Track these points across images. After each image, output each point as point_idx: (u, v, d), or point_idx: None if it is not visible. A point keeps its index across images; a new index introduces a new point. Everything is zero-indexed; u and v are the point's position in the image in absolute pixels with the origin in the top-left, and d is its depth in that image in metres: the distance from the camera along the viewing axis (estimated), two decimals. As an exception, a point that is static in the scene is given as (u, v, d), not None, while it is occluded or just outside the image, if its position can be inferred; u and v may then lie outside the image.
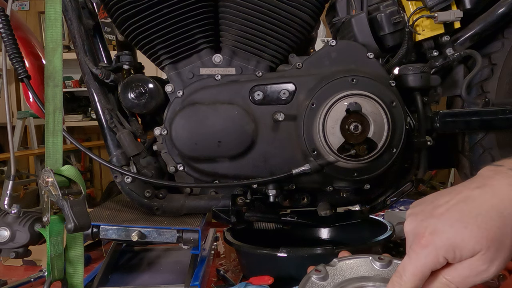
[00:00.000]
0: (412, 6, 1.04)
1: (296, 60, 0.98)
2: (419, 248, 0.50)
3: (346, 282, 0.62)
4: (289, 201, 1.04)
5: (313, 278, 0.62)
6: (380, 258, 0.64)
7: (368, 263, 0.65)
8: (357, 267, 0.65)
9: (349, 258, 0.66)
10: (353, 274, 0.64)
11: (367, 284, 0.61)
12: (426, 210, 0.52)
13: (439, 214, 0.50)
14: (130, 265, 1.09)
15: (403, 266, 0.51)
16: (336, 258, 0.65)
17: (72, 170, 0.81)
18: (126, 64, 1.04)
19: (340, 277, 0.63)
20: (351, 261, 0.65)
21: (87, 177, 4.57)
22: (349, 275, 0.63)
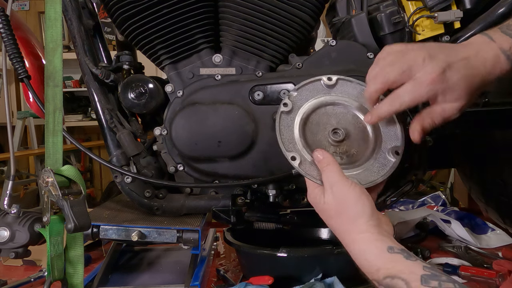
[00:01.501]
0: (412, 6, 1.04)
1: (296, 60, 0.98)
2: (426, 83, 0.64)
3: (307, 107, 0.74)
4: (289, 201, 1.04)
5: (283, 113, 0.74)
6: (329, 79, 0.75)
7: (320, 85, 0.76)
8: (313, 91, 0.76)
9: (304, 84, 0.76)
10: (311, 97, 0.75)
11: (323, 103, 0.74)
12: (441, 57, 0.64)
13: (450, 62, 0.63)
14: (130, 265, 1.09)
15: (401, 91, 0.66)
16: (295, 87, 0.76)
17: (72, 170, 0.81)
18: (126, 64, 1.04)
19: (301, 103, 0.75)
20: (307, 86, 0.76)
21: (87, 177, 4.57)
22: (308, 99, 0.75)
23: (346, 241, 0.65)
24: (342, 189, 0.65)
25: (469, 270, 1.02)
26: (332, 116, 0.75)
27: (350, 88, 0.76)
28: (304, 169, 0.71)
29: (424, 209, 1.50)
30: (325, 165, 0.68)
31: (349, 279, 0.91)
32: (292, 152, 0.72)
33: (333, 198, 0.66)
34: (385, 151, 0.72)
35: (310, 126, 0.74)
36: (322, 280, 0.91)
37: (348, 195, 0.65)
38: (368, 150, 0.73)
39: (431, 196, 1.76)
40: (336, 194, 0.66)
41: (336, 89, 0.76)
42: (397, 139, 0.72)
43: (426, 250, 1.17)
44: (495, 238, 1.29)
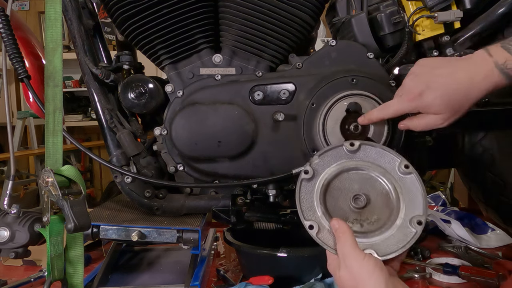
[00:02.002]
0: (412, 6, 1.04)
1: (296, 60, 0.98)
2: (406, 99, 0.74)
3: (328, 173, 0.75)
4: (289, 201, 1.04)
5: (304, 180, 0.74)
6: (351, 144, 0.76)
7: (342, 151, 0.76)
8: (335, 157, 0.76)
9: (326, 151, 0.77)
10: (333, 163, 0.76)
11: (345, 169, 0.75)
12: (425, 75, 0.73)
13: (431, 83, 0.71)
14: (130, 265, 1.09)
15: (391, 103, 0.78)
16: (316, 154, 0.77)
17: (72, 170, 0.81)
18: (126, 64, 1.04)
19: (322, 170, 0.75)
20: (329, 153, 0.76)
21: (87, 177, 4.57)
22: (329, 165, 0.76)
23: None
24: (355, 262, 0.65)
25: (469, 270, 1.02)
26: (355, 182, 0.74)
27: (373, 152, 0.75)
28: (322, 238, 0.70)
29: (424, 209, 1.50)
30: (340, 234, 0.68)
31: (349, 279, 0.91)
32: (311, 220, 0.71)
33: (347, 272, 0.66)
34: (407, 221, 0.70)
35: (331, 192, 0.74)
36: (322, 280, 0.91)
37: (361, 269, 0.64)
38: (390, 218, 0.71)
39: (431, 196, 1.76)
40: (349, 268, 0.65)
41: (358, 154, 0.75)
42: (419, 208, 0.70)
43: (426, 250, 1.17)
44: (495, 238, 1.29)
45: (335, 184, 0.74)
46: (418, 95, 0.72)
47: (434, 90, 0.71)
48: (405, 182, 0.73)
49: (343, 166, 0.75)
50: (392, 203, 0.72)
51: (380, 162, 0.74)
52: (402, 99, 0.75)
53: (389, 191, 0.73)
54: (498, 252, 1.20)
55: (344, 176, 0.74)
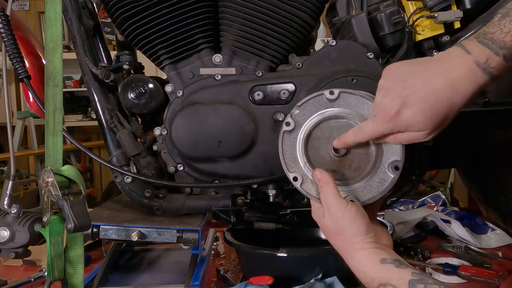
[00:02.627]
0: (412, 6, 1.04)
1: (296, 60, 0.98)
2: (382, 121, 0.66)
3: (309, 123, 0.74)
4: (289, 201, 1.04)
5: (285, 132, 0.74)
6: (331, 93, 0.74)
7: (322, 99, 0.75)
8: (315, 106, 0.75)
9: (306, 100, 0.75)
10: (313, 113, 0.75)
11: (325, 117, 0.74)
12: (397, 90, 0.64)
13: (406, 98, 0.63)
14: (130, 265, 1.09)
15: (365, 125, 0.69)
16: (297, 104, 0.75)
17: (72, 170, 0.81)
18: (126, 64, 1.04)
19: (303, 120, 0.75)
20: (309, 102, 0.75)
21: (87, 177, 4.57)
22: (310, 115, 0.75)
23: (345, 257, 0.70)
24: (338, 211, 0.68)
25: (469, 270, 1.02)
26: (335, 130, 0.75)
27: (353, 100, 0.75)
28: (306, 189, 0.73)
29: (424, 209, 1.50)
30: (322, 184, 0.70)
31: (349, 279, 0.91)
32: (295, 172, 0.73)
33: (330, 220, 0.69)
34: (385, 166, 0.72)
35: (313, 142, 0.75)
36: (322, 280, 0.91)
37: (344, 217, 0.68)
38: (370, 163, 0.73)
39: (431, 196, 1.76)
40: (333, 217, 0.69)
41: (338, 102, 0.76)
42: (397, 153, 0.72)
43: (426, 250, 1.17)
44: (495, 238, 1.29)
45: (316, 134, 0.75)
46: (394, 115, 0.64)
47: (412, 106, 0.62)
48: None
49: (323, 115, 0.75)
50: (371, 150, 0.73)
51: (359, 109, 0.75)
52: (377, 120, 0.67)
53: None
54: (498, 252, 1.20)
55: (324, 125, 0.75)
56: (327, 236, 0.72)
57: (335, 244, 0.71)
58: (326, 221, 0.70)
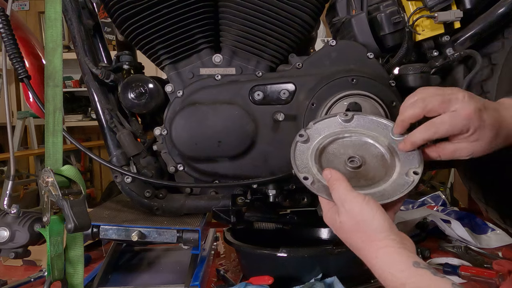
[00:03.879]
0: (412, 6, 1.04)
1: (296, 60, 0.98)
2: (463, 117, 0.65)
3: (323, 139, 0.76)
4: (289, 201, 1.04)
5: (299, 142, 0.75)
6: (345, 114, 0.77)
7: (336, 120, 0.78)
8: (329, 126, 0.78)
9: (321, 119, 0.79)
10: (327, 131, 0.77)
11: (339, 135, 0.76)
12: (482, 100, 0.67)
13: (485, 101, 0.67)
14: (130, 265, 1.09)
15: (441, 120, 0.66)
16: (312, 122, 0.79)
17: (72, 170, 0.81)
18: (126, 64, 1.04)
19: (317, 136, 0.77)
20: (324, 121, 0.78)
21: (87, 177, 4.57)
22: (324, 133, 0.77)
23: (368, 257, 0.61)
24: (355, 205, 0.62)
25: (469, 270, 1.02)
26: (349, 147, 0.74)
27: (366, 122, 0.76)
28: (316, 189, 0.69)
29: (424, 209, 1.50)
30: (334, 182, 0.65)
31: (349, 279, 0.91)
32: (305, 173, 0.70)
33: (347, 216, 0.63)
34: (403, 174, 0.70)
35: (326, 156, 0.74)
36: (322, 280, 0.91)
37: (363, 211, 0.62)
38: (386, 174, 0.71)
39: (431, 196, 1.76)
40: (350, 212, 0.62)
41: (352, 123, 0.77)
42: (415, 163, 0.70)
43: (426, 250, 1.17)
44: (495, 238, 1.29)
45: (330, 150, 0.75)
46: (478, 112, 0.64)
47: (491, 113, 0.65)
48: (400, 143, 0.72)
49: (337, 132, 0.76)
50: (387, 163, 0.72)
51: (373, 129, 0.75)
52: (458, 114, 0.64)
53: (384, 153, 0.73)
54: (498, 252, 1.20)
55: (338, 142, 0.75)
56: (344, 237, 0.65)
57: (354, 243, 0.64)
58: (342, 218, 0.63)
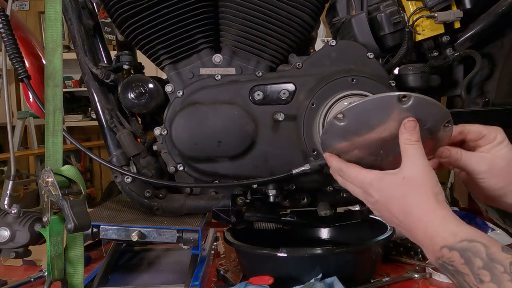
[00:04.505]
0: (412, 6, 1.04)
1: (296, 60, 0.98)
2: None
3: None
4: (289, 201, 1.04)
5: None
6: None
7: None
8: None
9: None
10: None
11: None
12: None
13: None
14: (130, 265, 1.09)
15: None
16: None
17: (72, 170, 0.81)
18: (126, 64, 1.04)
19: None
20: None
21: (87, 177, 4.57)
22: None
23: (420, 213, 0.63)
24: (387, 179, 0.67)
25: (469, 270, 1.02)
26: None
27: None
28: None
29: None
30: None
31: (349, 279, 0.91)
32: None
33: (378, 188, 0.67)
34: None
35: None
36: (322, 280, 0.91)
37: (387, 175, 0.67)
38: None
39: (431, 196, 1.75)
40: (380, 182, 0.67)
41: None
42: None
43: (426, 250, 1.16)
44: (495, 238, 1.28)
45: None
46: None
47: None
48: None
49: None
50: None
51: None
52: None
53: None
54: (498, 252, 1.20)
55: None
56: (384, 201, 0.66)
57: (402, 202, 0.64)
58: (375, 195, 0.67)
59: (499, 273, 0.52)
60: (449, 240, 0.58)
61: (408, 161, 0.66)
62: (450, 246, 0.58)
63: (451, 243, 0.58)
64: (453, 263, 0.57)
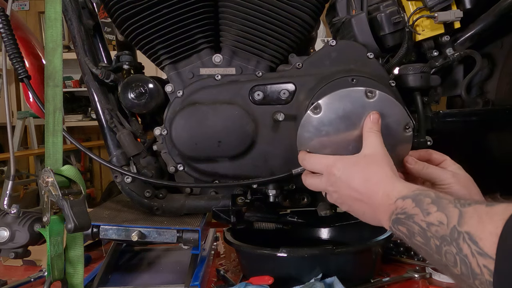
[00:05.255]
0: (412, 6, 1.04)
1: (296, 60, 0.98)
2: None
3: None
4: (289, 201, 1.04)
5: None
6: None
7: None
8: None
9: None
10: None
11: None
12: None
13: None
14: (130, 265, 1.09)
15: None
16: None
17: (72, 170, 0.81)
18: (126, 64, 1.04)
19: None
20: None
21: (87, 177, 4.57)
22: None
23: (379, 178, 0.69)
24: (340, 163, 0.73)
25: (469, 270, 1.02)
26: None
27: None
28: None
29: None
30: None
31: (349, 279, 0.91)
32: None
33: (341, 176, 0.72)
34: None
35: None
36: (322, 280, 0.91)
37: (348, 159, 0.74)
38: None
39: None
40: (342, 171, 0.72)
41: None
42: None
43: (426, 250, 1.16)
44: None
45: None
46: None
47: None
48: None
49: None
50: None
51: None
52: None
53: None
54: (498, 252, 1.20)
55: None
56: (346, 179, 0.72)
57: (363, 172, 0.70)
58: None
59: (445, 204, 0.56)
60: (403, 191, 0.63)
61: (368, 144, 0.74)
62: (404, 196, 0.62)
63: (405, 193, 0.63)
64: (405, 209, 0.60)
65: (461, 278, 0.51)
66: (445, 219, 0.53)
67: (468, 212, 0.51)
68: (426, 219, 0.56)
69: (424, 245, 0.57)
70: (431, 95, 1.04)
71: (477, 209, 0.51)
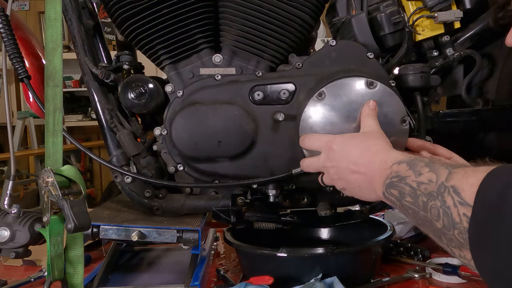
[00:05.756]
0: (412, 6, 1.04)
1: (296, 60, 0.98)
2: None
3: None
4: (289, 201, 1.04)
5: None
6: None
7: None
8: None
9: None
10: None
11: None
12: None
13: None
14: (130, 265, 1.09)
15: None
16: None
17: (72, 170, 0.81)
18: (126, 64, 1.04)
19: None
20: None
21: (87, 177, 4.57)
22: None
23: (378, 148, 0.72)
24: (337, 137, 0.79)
25: (469, 270, 1.02)
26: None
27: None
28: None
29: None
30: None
31: (349, 279, 0.91)
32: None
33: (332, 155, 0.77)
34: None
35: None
36: (322, 280, 0.91)
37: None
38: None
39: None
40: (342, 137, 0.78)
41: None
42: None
43: (426, 250, 1.16)
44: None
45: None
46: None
47: None
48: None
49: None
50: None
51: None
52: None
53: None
54: (498, 252, 1.20)
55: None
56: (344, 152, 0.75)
57: (362, 144, 0.74)
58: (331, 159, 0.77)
59: (438, 166, 0.58)
60: (399, 157, 0.67)
61: (366, 125, 0.79)
62: (400, 161, 0.65)
63: (401, 158, 0.66)
64: (399, 172, 0.63)
65: (443, 232, 0.53)
66: (434, 177, 0.56)
67: (456, 171, 0.54)
68: (417, 179, 0.59)
69: (412, 204, 0.59)
70: (431, 95, 1.04)
71: (465, 169, 0.54)
